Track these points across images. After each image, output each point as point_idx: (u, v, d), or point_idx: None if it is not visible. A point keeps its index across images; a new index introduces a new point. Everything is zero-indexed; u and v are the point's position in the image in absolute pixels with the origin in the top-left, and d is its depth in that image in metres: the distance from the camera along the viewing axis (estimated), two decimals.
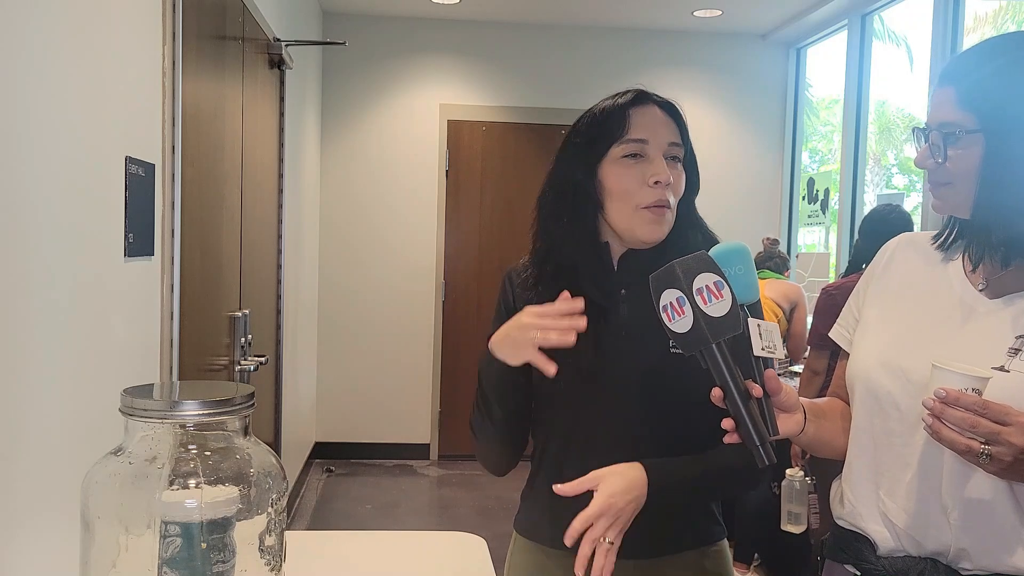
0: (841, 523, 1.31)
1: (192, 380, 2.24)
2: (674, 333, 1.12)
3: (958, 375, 1.05)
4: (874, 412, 1.24)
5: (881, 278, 1.33)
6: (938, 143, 1.17)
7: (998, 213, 1.14)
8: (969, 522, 1.14)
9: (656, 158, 1.31)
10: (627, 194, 1.31)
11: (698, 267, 1.11)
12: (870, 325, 1.30)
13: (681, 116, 1.36)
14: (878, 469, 1.24)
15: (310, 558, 1.48)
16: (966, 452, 1.03)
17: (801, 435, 1.23)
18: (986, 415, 1.02)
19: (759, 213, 5.71)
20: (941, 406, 1.03)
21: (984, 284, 1.20)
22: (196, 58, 2.28)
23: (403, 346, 5.62)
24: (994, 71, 1.13)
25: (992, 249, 1.17)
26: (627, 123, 1.32)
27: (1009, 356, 1.13)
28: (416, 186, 5.56)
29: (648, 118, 1.33)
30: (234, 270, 2.88)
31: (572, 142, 1.37)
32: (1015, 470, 1.03)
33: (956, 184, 1.17)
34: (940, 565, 1.17)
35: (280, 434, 3.87)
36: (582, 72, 5.54)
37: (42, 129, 1.35)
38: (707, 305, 1.09)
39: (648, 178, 1.30)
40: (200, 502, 0.97)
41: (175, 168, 2.04)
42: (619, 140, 1.32)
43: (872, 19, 4.81)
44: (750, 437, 1.11)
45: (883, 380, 1.22)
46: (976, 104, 1.13)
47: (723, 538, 1.44)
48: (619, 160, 1.32)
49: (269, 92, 3.55)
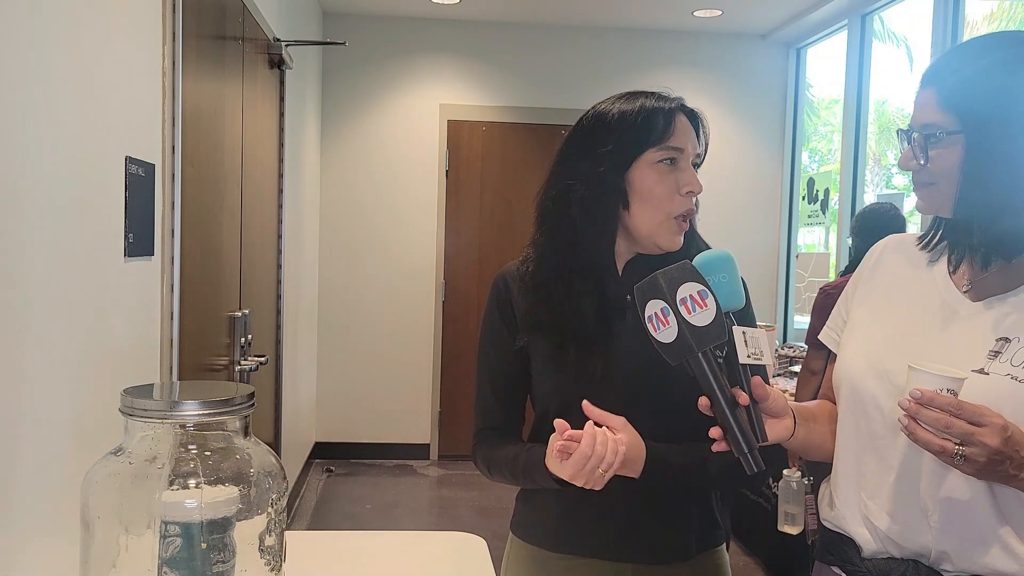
0: (828, 525, 1.31)
1: (192, 380, 2.23)
2: (659, 343, 1.13)
3: (933, 376, 1.05)
4: (858, 414, 1.24)
5: (868, 280, 1.33)
6: (920, 144, 1.17)
7: (979, 214, 1.15)
8: (949, 524, 1.14)
9: (687, 168, 1.32)
10: (659, 200, 1.30)
11: (681, 277, 1.11)
12: (857, 327, 1.30)
13: (703, 128, 1.37)
14: (861, 471, 1.24)
15: (310, 558, 1.48)
16: (940, 452, 1.03)
17: (791, 440, 1.23)
18: (961, 416, 1.02)
19: (759, 213, 5.71)
20: (916, 407, 1.03)
21: (968, 286, 1.20)
22: (196, 58, 2.28)
23: (403, 346, 5.62)
24: (975, 73, 1.13)
25: (973, 250, 1.17)
26: (672, 128, 1.31)
27: (989, 359, 1.13)
28: (416, 186, 5.56)
29: (684, 126, 1.33)
30: (234, 270, 2.88)
31: (597, 139, 1.32)
32: (990, 471, 1.04)
33: (939, 184, 1.17)
34: (922, 567, 1.17)
35: (280, 434, 3.87)
36: (582, 72, 5.54)
37: (42, 129, 1.35)
38: (691, 315, 1.10)
39: (682, 187, 1.30)
40: (200, 502, 0.97)
41: (175, 168, 2.05)
42: (660, 144, 1.30)
43: (872, 19, 4.81)
44: (738, 444, 1.11)
45: (867, 382, 1.22)
46: (957, 105, 1.13)
47: (723, 543, 1.43)
48: (655, 164, 1.30)
49: (269, 92, 3.55)
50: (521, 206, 3.57)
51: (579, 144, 1.35)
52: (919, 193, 1.22)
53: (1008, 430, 1.02)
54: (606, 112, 1.34)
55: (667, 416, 1.31)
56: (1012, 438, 1.02)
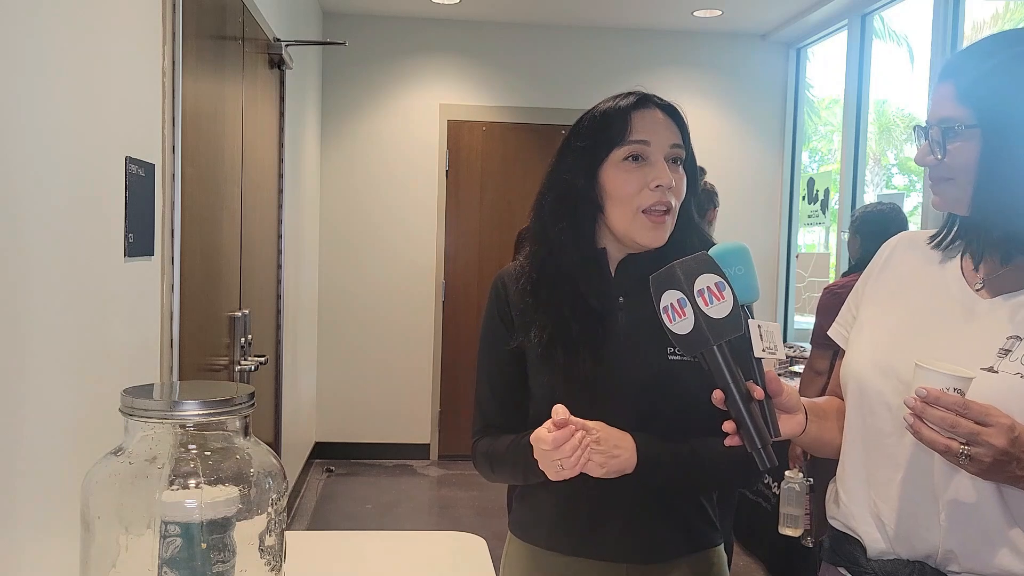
0: (835, 524, 1.30)
1: (192, 380, 2.23)
2: (675, 335, 1.12)
3: (940, 375, 1.04)
4: (866, 412, 1.23)
5: (879, 277, 1.33)
6: (938, 139, 1.17)
7: (996, 209, 1.14)
8: (957, 524, 1.14)
9: (658, 161, 1.31)
10: (628, 197, 1.30)
11: (699, 268, 1.10)
12: (866, 324, 1.30)
13: (682, 118, 1.36)
14: (869, 469, 1.24)
15: (310, 558, 1.48)
16: (945, 452, 1.02)
17: (802, 436, 1.23)
18: (967, 415, 1.01)
19: (759, 213, 5.71)
20: (922, 405, 1.03)
21: (981, 284, 1.20)
22: (196, 58, 2.28)
23: (403, 346, 5.62)
24: (993, 67, 1.13)
25: (992, 245, 1.17)
26: (629, 126, 1.31)
27: (999, 357, 1.12)
28: (416, 186, 5.56)
29: (649, 120, 1.32)
30: (234, 270, 2.88)
31: (572, 145, 1.36)
32: (995, 471, 1.03)
33: (957, 179, 1.17)
34: (928, 568, 1.17)
35: (280, 434, 3.87)
36: (582, 72, 5.54)
37: (42, 129, 1.35)
38: (708, 306, 1.09)
39: (649, 181, 1.29)
40: (200, 502, 0.97)
41: (175, 168, 2.04)
42: (620, 143, 1.31)
43: (872, 19, 4.81)
44: (751, 440, 1.10)
45: (875, 380, 1.22)
46: (975, 99, 1.13)
47: (720, 543, 1.43)
48: (620, 163, 1.31)
49: (269, 92, 3.55)
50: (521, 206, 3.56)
51: (561, 148, 1.38)
52: (935, 189, 1.21)
53: (1015, 430, 1.01)
54: (582, 116, 1.37)
55: (661, 416, 1.31)
56: (1019, 439, 1.01)
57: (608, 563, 1.34)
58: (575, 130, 1.37)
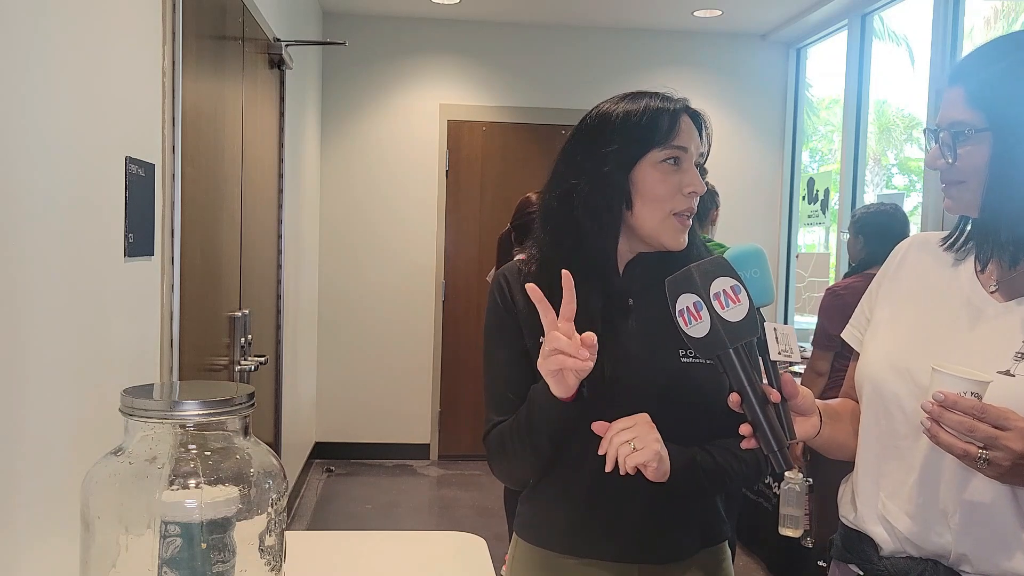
0: (847, 523, 1.30)
1: (192, 380, 2.23)
2: (690, 338, 1.11)
3: (957, 379, 1.04)
4: (880, 414, 1.23)
5: (893, 279, 1.32)
6: (948, 142, 1.17)
7: (1006, 211, 1.14)
8: (969, 526, 1.14)
9: (690, 168, 1.32)
10: (661, 199, 1.30)
11: (715, 271, 1.10)
12: (880, 326, 1.30)
13: (706, 128, 1.37)
14: (882, 471, 1.24)
15: (310, 558, 1.48)
16: (964, 456, 1.02)
17: (817, 438, 1.23)
18: (984, 419, 1.01)
19: (759, 213, 5.71)
20: (939, 409, 1.03)
21: (995, 286, 1.19)
22: (196, 58, 2.28)
23: (403, 346, 5.62)
24: (1003, 70, 1.13)
25: (1001, 248, 1.17)
26: (677, 129, 1.31)
27: (1016, 360, 1.12)
28: (416, 186, 5.56)
29: (687, 127, 1.33)
30: (234, 270, 2.87)
31: (604, 138, 1.32)
32: (1013, 475, 1.03)
33: (968, 183, 1.17)
34: (941, 567, 1.17)
35: (280, 434, 3.87)
36: (582, 72, 5.54)
37: (42, 129, 1.35)
38: (724, 310, 1.09)
39: (684, 187, 1.30)
40: (200, 502, 0.97)
41: (175, 168, 2.04)
42: (664, 144, 1.30)
43: (872, 19, 4.81)
44: (768, 442, 1.10)
45: (890, 382, 1.21)
46: (985, 102, 1.13)
47: (727, 537, 1.43)
48: (659, 164, 1.31)
49: (269, 92, 3.55)
50: None
51: (583, 143, 1.35)
52: (948, 192, 1.21)
53: None
54: (610, 112, 1.34)
55: (675, 418, 1.30)
56: None
57: (622, 564, 1.34)
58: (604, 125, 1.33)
